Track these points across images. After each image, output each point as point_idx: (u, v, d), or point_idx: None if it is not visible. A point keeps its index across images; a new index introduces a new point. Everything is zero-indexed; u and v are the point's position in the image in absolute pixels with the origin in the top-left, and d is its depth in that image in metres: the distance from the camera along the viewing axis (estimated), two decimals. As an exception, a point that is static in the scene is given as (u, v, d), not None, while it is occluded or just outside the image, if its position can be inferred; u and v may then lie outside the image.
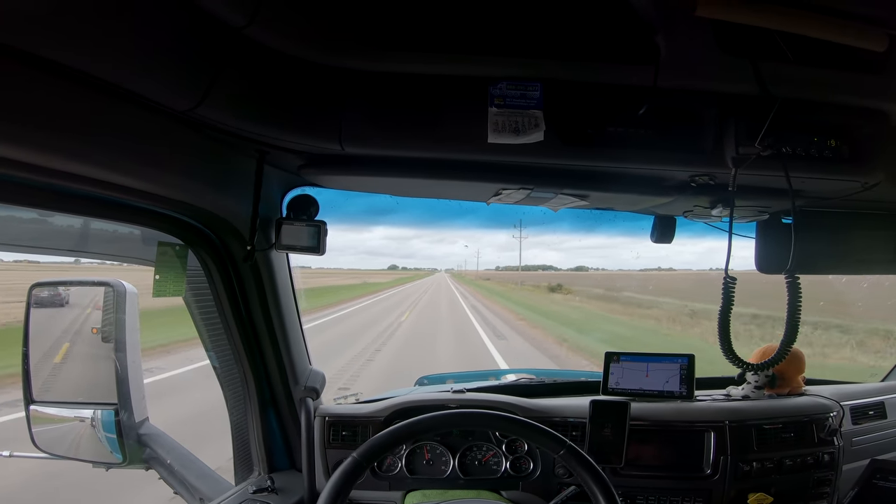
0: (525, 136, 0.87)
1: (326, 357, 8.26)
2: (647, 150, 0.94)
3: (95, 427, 1.25)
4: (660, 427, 1.35)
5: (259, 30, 0.71)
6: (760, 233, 1.27)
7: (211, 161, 0.95)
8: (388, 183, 1.12)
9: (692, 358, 1.46)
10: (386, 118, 0.91)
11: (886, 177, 1.00)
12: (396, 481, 1.35)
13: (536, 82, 0.87)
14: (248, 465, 1.40)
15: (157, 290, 1.01)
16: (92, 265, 3.55)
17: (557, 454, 0.96)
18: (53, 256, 1.13)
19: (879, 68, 0.83)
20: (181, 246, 1.06)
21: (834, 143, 0.94)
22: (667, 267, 62.00)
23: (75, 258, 1.58)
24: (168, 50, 0.66)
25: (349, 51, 0.81)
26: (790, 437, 1.36)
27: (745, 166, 0.92)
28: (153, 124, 0.77)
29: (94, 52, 0.59)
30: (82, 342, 1.30)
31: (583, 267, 70.57)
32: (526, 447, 1.37)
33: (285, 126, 0.88)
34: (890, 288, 2.86)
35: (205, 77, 0.71)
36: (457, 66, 0.85)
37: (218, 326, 1.23)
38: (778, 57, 0.80)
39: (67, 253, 1.04)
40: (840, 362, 8.45)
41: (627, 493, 1.31)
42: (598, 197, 1.15)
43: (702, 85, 0.88)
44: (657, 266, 61.30)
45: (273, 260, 1.22)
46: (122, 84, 0.65)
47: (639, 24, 0.79)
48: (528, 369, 2.24)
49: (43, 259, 11.03)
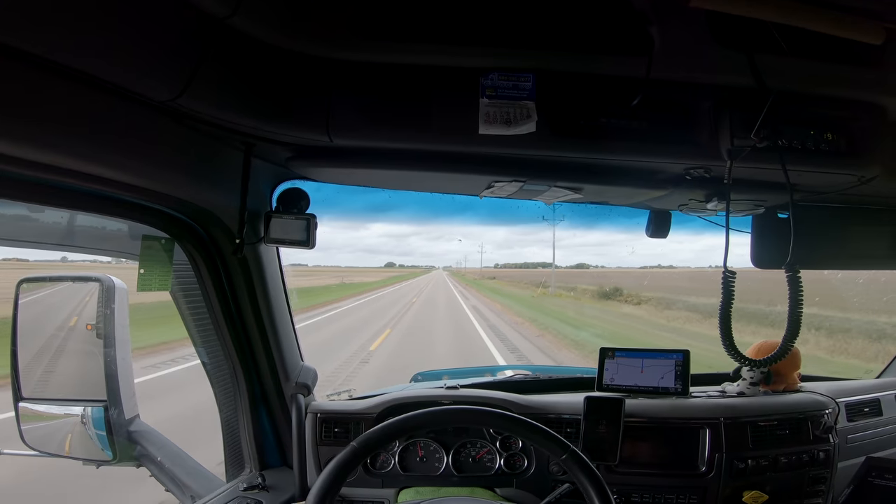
0: (517, 127, 0.86)
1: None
2: (640, 143, 0.93)
3: (85, 424, 1.24)
4: (655, 424, 1.35)
5: (243, 20, 0.69)
6: (756, 227, 1.26)
7: (196, 153, 0.93)
8: (378, 175, 1.11)
9: (687, 354, 1.45)
10: (375, 109, 0.90)
11: (883, 171, 0.99)
12: (389, 478, 1.34)
13: (528, 73, 0.86)
14: (238, 463, 1.39)
15: (142, 285, 0.99)
16: (83, 262, 3.51)
17: (560, 458, 0.94)
18: (41, 255, 1.11)
19: (876, 61, 0.82)
20: (167, 239, 1.05)
21: (831, 136, 0.93)
22: (667, 264, 61.12)
23: (62, 256, 1.57)
24: (148, 39, 0.64)
25: (337, 41, 0.80)
26: (785, 434, 1.36)
27: (740, 159, 0.91)
28: (135, 115, 0.75)
29: (71, 42, 0.58)
30: (75, 338, 1.29)
31: (583, 264, 70.01)
32: (520, 444, 1.36)
33: (271, 117, 0.87)
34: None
35: (186, 66, 0.70)
36: (447, 57, 0.84)
37: (206, 321, 1.22)
38: (774, 49, 0.79)
39: (51, 247, 1.03)
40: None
41: (622, 490, 1.30)
42: (592, 190, 1.14)
43: (696, 77, 0.88)
44: (657, 263, 60.54)
45: (262, 254, 1.21)
46: (101, 74, 0.64)
47: (632, 15, 0.78)
48: (523, 365, 2.23)
49: (32, 257, 10.95)
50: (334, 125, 0.89)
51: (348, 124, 0.90)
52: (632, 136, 0.92)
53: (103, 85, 0.66)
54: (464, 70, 0.85)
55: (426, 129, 0.90)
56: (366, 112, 0.89)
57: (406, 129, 0.90)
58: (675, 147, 0.94)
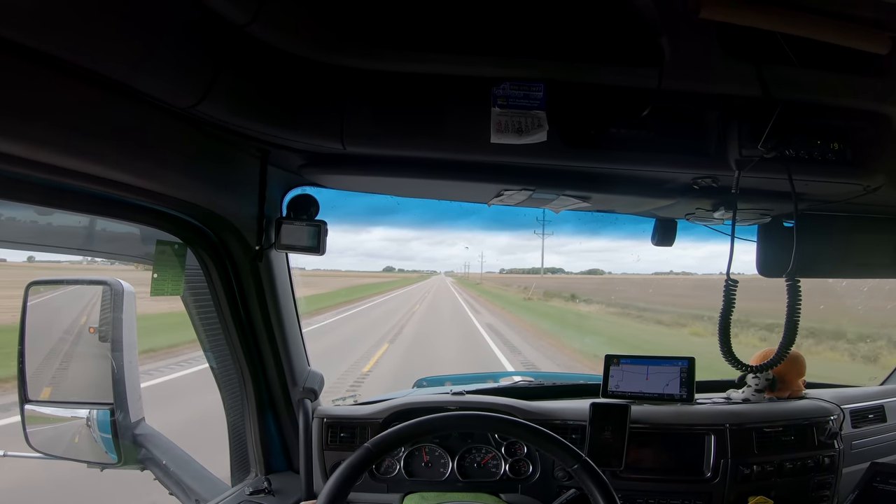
0: (528, 136, 0.87)
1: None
2: (649, 152, 0.94)
3: (91, 427, 1.24)
4: (660, 430, 1.35)
5: (261, 27, 0.71)
6: (762, 236, 1.26)
7: (212, 159, 0.94)
8: (390, 183, 1.12)
9: (692, 361, 1.45)
10: (388, 118, 0.90)
11: (888, 180, 1.00)
12: (395, 483, 1.34)
13: (540, 83, 0.87)
14: (244, 467, 1.39)
15: (156, 289, 1.00)
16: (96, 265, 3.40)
17: (571, 468, 0.94)
18: (50, 255, 1.12)
19: (882, 71, 0.83)
20: (180, 244, 1.06)
21: (837, 146, 0.94)
22: (680, 270, 58.92)
23: (82, 257, 1.57)
24: (170, 47, 0.65)
25: (352, 49, 0.81)
26: (790, 440, 1.36)
27: (748, 169, 0.92)
28: (154, 121, 0.76)
29: (95, 48, 0.59)
30: (79, 341, 1.29)
31: (597, 270, 67.95)
32: (525, 450, 1.36)
33: (287, 124, 0.88)
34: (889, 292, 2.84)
35: (206, 74, 0.71)
36: (460, 67, 0.85)
37: (216, 326, 1.22)
38: (781, 59, 0.80)
39: (67, 251, 1.03)
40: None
41: (628, 496, 1.30)
42: (599, 198, 1.15)
43: (705, 87, 0.88)
44: (669, 269, 59.17)
45: (272, 260, 1.21)
46: (123, 80, 0.65)
47: (643, 26, 0.78)
48: (528, 372, 2.23)
49: (40, 258, 10.87)
50: (348, 133, 0.90)
51: (362, 132, 0.90)
52: (640, 145, 0.93)
53: (127, 91, 0.67)
54: (476, 79, 0.86)
55: (438, 138, 0.91)
56: (379, 120, 0.90)
57: (418, 137, 0.91)
58: (683, 157, 0.95)
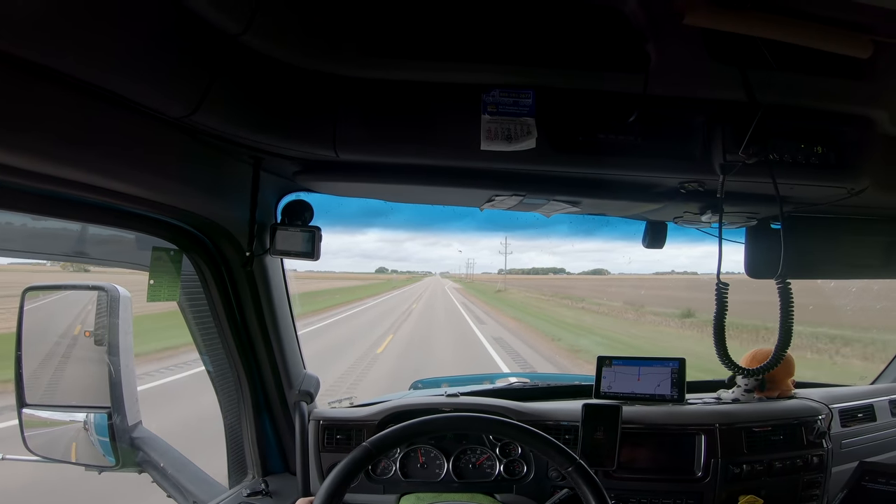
0: (517, 143, 0.88)
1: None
2: (637, 157, 0.95)
3: (88, 430, 1.25)
4: (651, 430, 1.36)
5: (254, 37, 0.72)
6: (750, 238, 1.28)
7: (206, 167, 0.95)
8: (382, 189, 1.13)
9: (683, 362, 1.47)
10: (380, 125, 0.92)
11: (872, 183, 1.01)
12: (390, 484, 1.36)
13: (529, 90, 0.88)
14: (241, 469, 1.40)
15: (152, 295, 1.01)
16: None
17: (565, 470, 0.95)
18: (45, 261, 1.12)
19: (864, 75, 0.84)
20: (175, 251, 1.07)
21: (820, 149, 0.95)
22: (681, 270, 58.09)
23: (78, 263, 1.57)
24: (164, 58, 0.66)
25: (344, 58, 0.82)
26: (780, 439, 1.38)
27: (732, 173, 0.93)
28: (148, 130, 0.77)
29: (89, 59, 0.59)
30: (76, 345, 1.30)
31: (601, 270, 65.67)
32: (520, 451, 1.38)
33: (280, 133, 0.89)
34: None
35: (200, 84, 0.72)
36: (450, 74, 0.86)
37: (212, 330, 1.24)
38: (766, 64, 0.81)
39: (62, 258, 1.04)
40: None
41: (620, 495, 1.32)
42: (589, 203, 1.16)
43: (691, 92, 0.90)
44: (671, 269, 58.45)
45: (268, 265, 1.23)
46: (117, 90, 0.65)
47: (630, 33, 0.80)
48: (522, 373, 2.24)
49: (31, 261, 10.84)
50: (340, 140, 0.91)
51: (354, 139, 0.92)
52: (628, 151, 0.94)
53: (120, 101, 0.68)
54: (466, 87, 0.87)
55: (430, 145, 0.92)
56: (371, 128, 0.91)
57: (410, 144, 0.92)
58: (669, 162, 0.96)
